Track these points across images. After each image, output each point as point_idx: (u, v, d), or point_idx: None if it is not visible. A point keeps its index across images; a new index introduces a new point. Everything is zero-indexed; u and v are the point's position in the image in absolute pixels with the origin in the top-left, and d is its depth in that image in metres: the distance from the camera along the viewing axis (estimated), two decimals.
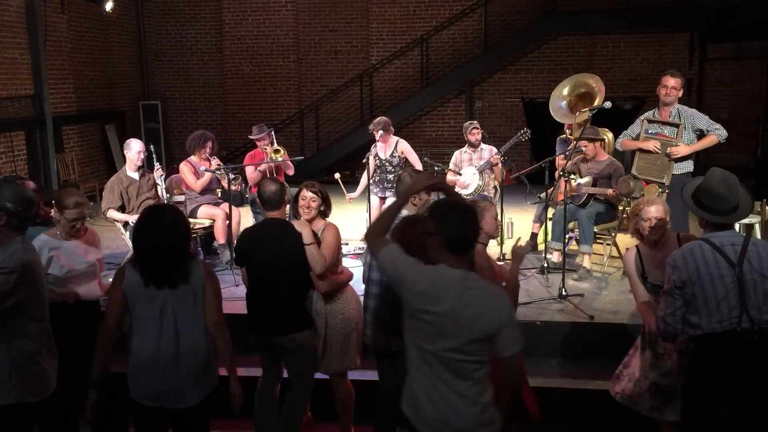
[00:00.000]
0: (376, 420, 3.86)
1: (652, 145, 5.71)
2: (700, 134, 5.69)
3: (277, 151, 7.12)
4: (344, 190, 7.18)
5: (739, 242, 3.17)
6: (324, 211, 4.18)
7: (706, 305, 3.11)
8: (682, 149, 5.56)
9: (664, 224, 3.78)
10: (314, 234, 4.01)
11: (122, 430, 4.23)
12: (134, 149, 6.41)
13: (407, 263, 2.70)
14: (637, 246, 3.85)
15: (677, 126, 5.62)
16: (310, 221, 4.11)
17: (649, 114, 5.91)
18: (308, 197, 4.10)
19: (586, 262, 6.40)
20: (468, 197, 7.03)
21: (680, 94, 5.68)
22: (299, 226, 4.00)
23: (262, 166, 7.09)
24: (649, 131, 5.80)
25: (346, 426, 4.26)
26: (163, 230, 3.19)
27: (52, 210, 4.71)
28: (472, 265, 2.87)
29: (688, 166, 5.73)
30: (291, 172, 7.18)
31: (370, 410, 3.97)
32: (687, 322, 3.19)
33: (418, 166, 7.03)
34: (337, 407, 4.25)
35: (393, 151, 7.11)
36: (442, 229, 2.68)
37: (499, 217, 4.19)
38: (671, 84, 5.65)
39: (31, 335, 3.28)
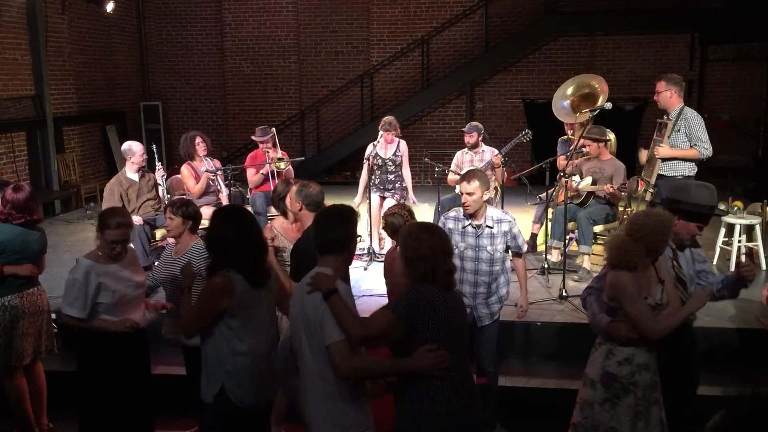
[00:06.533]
0: None
1: (641, 156, 5.82)
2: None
3: (280, 160, 7.13)
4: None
5: None
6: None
7: None
8: (664, 151, 5.55)
9: None
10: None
11: None
12: (138, 152, 6.44)
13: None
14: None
15: (666, 125, 5.62)
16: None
17: (661, 118, 5.89)
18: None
19: (586, 262, 6.40)
20: None
21: (669, 94, 5.60)
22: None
23: (265, 169, 7.09)
24: (659, 134, 5.82)
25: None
26: (255, 227, 3.26)
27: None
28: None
29: (682, 170, 5.59)
30: (291, 177, 7.19)
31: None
32: None
33: (407, 172, 7.18)
34: None
35: (396, 151, 7.11)
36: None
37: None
38: (656, 89, 5.71)
39: None
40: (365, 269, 6.62)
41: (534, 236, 7.26)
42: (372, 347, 2.87)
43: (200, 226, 6.58)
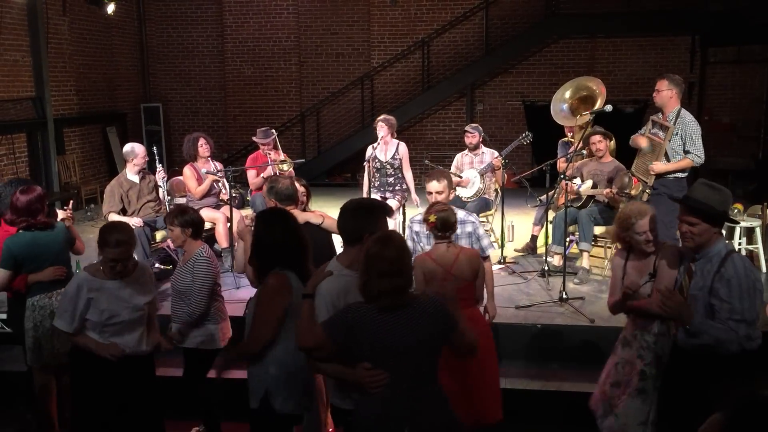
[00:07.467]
0: None
1: (640, 141, 5.82)
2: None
3: (283, 162, 7.13)
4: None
5: None
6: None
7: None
8: (657, 167, 5.54)
9: (655, 232, 3.64)
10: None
11: None
12: (140, 154, 6.45)
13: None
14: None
15: (667, 129, 5.61)
16: None
17: (655, 115, 5.91)
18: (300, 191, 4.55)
19: (585, 260, 6.39)
20: (469, 200, 7.04)
21: (670, 94, 5.57)
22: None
23: (267, 172, 7.07)
24: (652, 130, 5.82)
25: None
26: (298, 227, 3.26)
27: (65, 211, 4.61)
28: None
29: (680, 172, 5.62)
30: None
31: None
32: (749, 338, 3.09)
33: (409, 174, 7.11)
34: None
35: (395, 153, 7.11)
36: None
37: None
38: (656, 87, 5.68)
39: None
40: None
41: (534, 238, 7.27)
42: (315, 357, 2.85)
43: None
